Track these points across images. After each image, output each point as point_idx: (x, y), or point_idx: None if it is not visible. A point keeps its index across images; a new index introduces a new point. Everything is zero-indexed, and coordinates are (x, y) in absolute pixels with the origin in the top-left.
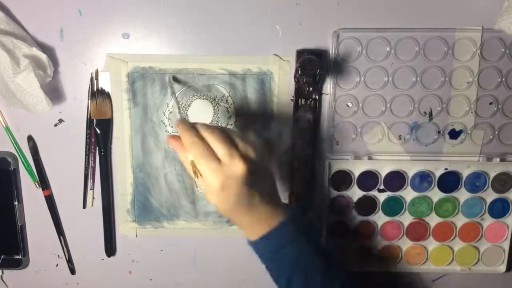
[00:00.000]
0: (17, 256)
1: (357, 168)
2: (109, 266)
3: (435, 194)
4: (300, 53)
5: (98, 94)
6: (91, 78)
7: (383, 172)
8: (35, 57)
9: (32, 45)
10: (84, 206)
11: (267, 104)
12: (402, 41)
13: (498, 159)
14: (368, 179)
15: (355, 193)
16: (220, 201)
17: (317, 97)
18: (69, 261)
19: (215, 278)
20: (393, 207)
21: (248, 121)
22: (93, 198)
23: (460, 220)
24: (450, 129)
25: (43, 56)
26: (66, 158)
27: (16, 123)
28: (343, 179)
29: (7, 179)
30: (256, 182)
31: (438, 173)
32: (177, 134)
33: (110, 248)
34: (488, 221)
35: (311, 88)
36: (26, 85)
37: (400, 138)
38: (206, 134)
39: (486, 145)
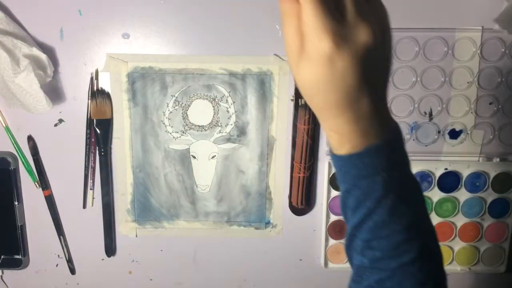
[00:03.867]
0: (17, 256)
1: None
2: (109, 266)
3: (435, 194)
4: None
5: (98, 94)
6: (91, 78)
7: None
8: (35, 57)
9: (32, 45)
10: (84, 206)
11: (267, 104)
12: (402, 41)
13: (498, 159)
14: None
15: None
16: (320, 83)
17: None
18: (69, 261)
19: (215, 278)
20: None
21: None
22: (93, 198)
23: (460, 220)
24: (450, 129)
25: (43, 56)
26: (66, 158)
27: (16, 123)
28: None
29: (7, 179)
30: (374, 68)
31: (438, 173)
32: None
33: (110, 248)
34: (488, 221)
35: None
36: (26, 85)
37: None
38: None
39: (486, 145)
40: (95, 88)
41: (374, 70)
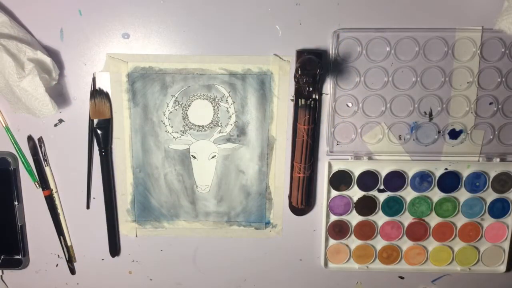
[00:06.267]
0: (17, 256)
1: (357, 168)
2: (109, 266)
3: (435, 194)
4: (300, 53)
5: (96, 94)
6: (93, 78)
7: (383, 172)
8: (40, 61)
9: (37, 49)
10: (88, 207)
11: (267, 104)
12: (402, 41)
13: (498, 159)
14: (368, 179)
15: (355, 193)
16: None
17: (317, 97)
18: (69, 261)
19: (215, 278)
20: (393, 207)
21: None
22: (93, 198)
23: (460, 220)
24: (450, 129)
25: (48, 60)
26: (66, 158)
27: (16, 123)
28: (343, 179)
29: (7, 179)
30: None
31: (438, 173)
32: None
33: (115, 248)
34: (488, 221)
35: (311, 88)
36: (31, 89)
37: (400, 138)
38: None
39: (486, 145)
40: (92, 88)
41: None
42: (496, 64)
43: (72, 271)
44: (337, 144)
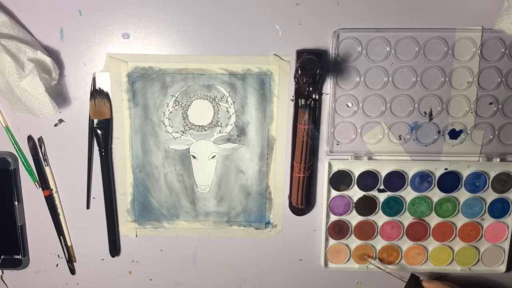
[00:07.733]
0: (17, 256)
1: (357, 168)
2: (109, 266)
3: (435, 194)
4: (300, 53)
5: (96, 94)
6: (93, 78)
7: (383, 172)
8: (40, 61)
9: (37, 49)
10: (88, 207)
11: (267, 104)
12: (402, 41)
13: (498, 159)
14: (368, 179)
15: (355, 193)
16: None
17: (317, 97)
18: (69, 261)
19: (215, 278)
20: (393, 207)
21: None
22: (93, 198)
23: (460, 220)
24: (450, 129)
25: (48, 60)
26: (66, 158)
27: (16, 123)
28: (343, 179)
29: (7, 179)
30: None
31: (438, 173)
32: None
33: (115, 248)
34: (488, 221)
35: (311, 88)
36: (31, 89)
37: (400, 138)
38: None
39: (486, 145)
40: (92, 88)
41: None
42: (496, 64)
43: (72, 271)
44: (337, 144)
